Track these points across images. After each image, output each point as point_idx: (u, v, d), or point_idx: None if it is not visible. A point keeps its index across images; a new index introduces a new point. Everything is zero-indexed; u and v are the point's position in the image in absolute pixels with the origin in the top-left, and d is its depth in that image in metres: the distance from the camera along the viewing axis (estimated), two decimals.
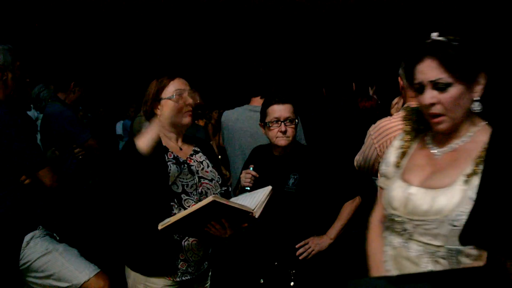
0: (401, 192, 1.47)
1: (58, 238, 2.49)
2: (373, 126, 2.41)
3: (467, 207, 1.24)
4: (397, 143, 1.68)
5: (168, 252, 2.07)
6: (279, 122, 2.38)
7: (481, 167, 1.28)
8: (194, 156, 2.25)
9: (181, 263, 2.09)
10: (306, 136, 3.24)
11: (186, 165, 2.16)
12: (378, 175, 2.44)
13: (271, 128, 2.40)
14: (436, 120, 1.43)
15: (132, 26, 7.10)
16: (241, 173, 2.47)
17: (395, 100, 2.65)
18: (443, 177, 1.41)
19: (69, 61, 6.37)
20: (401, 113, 2.33)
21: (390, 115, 2.47)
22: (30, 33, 5.97)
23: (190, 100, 2.13)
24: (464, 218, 1.16)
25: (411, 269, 1.42)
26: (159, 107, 2.13)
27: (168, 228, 1.86)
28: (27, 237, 2.34)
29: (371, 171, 2.51)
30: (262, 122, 2.49)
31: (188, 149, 2.25)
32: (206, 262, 2.21)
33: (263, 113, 2.47)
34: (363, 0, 6.32)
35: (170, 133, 2.21)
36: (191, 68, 6.89)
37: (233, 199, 2.10)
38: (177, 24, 7.34)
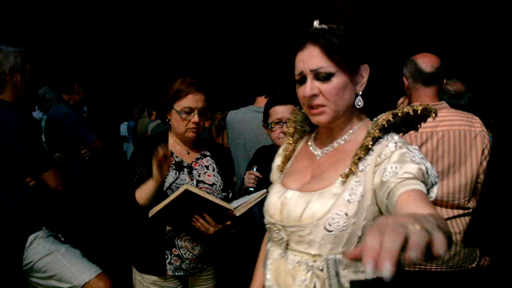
0: (277, 198, 1.36)
1: (62, 239, 2.49)
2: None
3: (342, 209, 1.17)
4: (282, 147, 1.57)
5: (159, 249, 2.13)
6: (281, 123, 2.38)
7: (359, 166, 1.20)
8: (200, 160, 2.27)
9: (174, 258, 2.14)
10: None
11: (188, 169, 2.19)
12: None
13: (273, 129, 2.42)
14: (316, 110, 1.29)
15: (136, 27, 7.11)
16: (244, 174, 2.48)
17: (401, 100, 2.65)
18: (321, 179, 1.29)
19: (73, 62, 6.39)
20: None
21: None
22: (34, 34, 5.99)
23: (196, 119, 2.14)
24: (339, 222, 1.16)
25: (289, 283, 1.28)
26: (169, 114, 2.20)
27: (157, 218, 1.97)
28: (30, 238, 2.34)
29: None
30: (264, 123, 2.50)
31: (195, 153, 2.28)
32: (205, 263, 2.24)
33: (266, 114, 2.48)
34: (368, 0, 6.32)
35: (178, 138, 2.26)
36: (195, 69, 6.90)
37: (235, 201, 2.11)
38: (182, 24, 7.35)
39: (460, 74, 3.19)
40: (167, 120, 2.22)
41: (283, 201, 1.32)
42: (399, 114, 1.21)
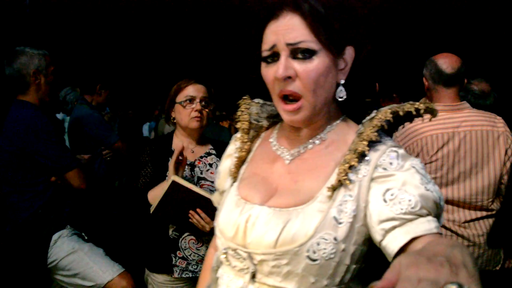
0: (238, 215, 1.03)
1: (86, 238, 2.54)
2: (398, 128, 2.39)
3: (330, 232, 0.91)
4: (231, 147, 1.25)
5: (164, 250, 2.14)
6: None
7: (350, 175, 0.94)
8: (205, 158, 2.28)
9: (179, 260, 2.14)
10: None
11: (190, 166, 2.22)
12: None
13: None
14: (290, 107, 1.00)
15: (158, 29, 7.18)
16: None
17: (421, 101, 2.62)
18: (297, 191, 1.00)
19: (95, 64, 6.49)
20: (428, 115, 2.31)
21: None
22: (57, 36, 6.10)
23: (198, 107, 2.17)
24: (326, 248, 0.91)
25: None
26: (173, 110, 2.24)
27: (159, 215, 1.99)
28: (55, 236, 2.39)
29: None
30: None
31: (200, 151, 2.29)
32: None
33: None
34: (387, 0, 6.26)
35: (182, 136, 2.27)
36: (213, 70, 6.94)
37: None
38: (202, 26, 7.39)
39: (484, 73, 3.13)
40: (172, 118, 2.25)
41: (248, 220, 1.00)
42: (400, 113, 0.97)
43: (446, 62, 2.29)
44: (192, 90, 2.19)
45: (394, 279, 0.61)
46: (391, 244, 0.88)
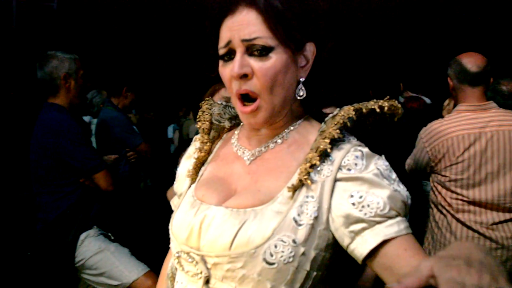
0: (192, 216, 0.97)
1: (112, 238, 2.58)
2: (424, 129, 2.37)
3: (289, 234, 0.86)
4: (191, 148, 1.20)
5: None
6: None
7: (312, 175, 0.90)
8: None
9: None
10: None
11: None
12: (430, 179, 2.40)
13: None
14: (248, 109, 0.95)
15: (181, 31, 7.26)
16: None
17: (446, 102, 2.59)
18: (255, 192, 0.95)
19: (121, 67, 6.60)
20: (454, 115, 2.28)
21: (442, 117, 2.41)
22: (83, 39, 6.23)
23: None
24: (283, 251, 0.85)
25: None
26: None
27: None
28: (82, 236, 2.44)
29: (422, 175, 2.47)
30: None
31: None
32: None
33: None
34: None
35: None
36: None
37: None
38: None
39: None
40: None
41: (203, 221, 0.94)
42: (364, 110, 0.94)
43: (471, 61, 2.26)
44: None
45: (415, 284, 0.62)
46: (361, 247, 0.85)
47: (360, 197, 0.86)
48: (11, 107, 5.05)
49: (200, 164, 1.11)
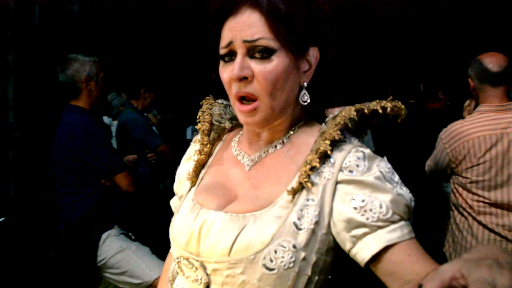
0: (191, 221, 0.95)
1: (133, 238, 2.61)
2: (444, 130, 2.35)
3: (289, 239, 0.84)
4: (191, 149, 1.17)
5: None
6: None
7: (312, 178, 0.87)
8: None
9: None
10: (374, 139, 3.18)
11: None
12: (451, 181, 2.37)
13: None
14: (246, 108, 0.92)
15: (201, 33, 7.30)
16: None
17: (467, 102, 2.56)
18: (255, 197, 0.93)
19: (140, 69, 6.68)
20: (475, 116, 2.25)
21: (462, 118, 2.39)
22: (102, 42, 6.32)
23: None
24: (284, 257, 0.83)
25: None
26: None
27: None
28: (103, 236, 2.48)
29: (443, 176, 2.44)
30: None
31: None
32: None
33: None
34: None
35: None
36: None
37: None
38: None
39: None
40: None
41: (202, 226, 0.92)
42: (366, 111, 0.91)
43: (492, 61, 2.23)
44: None
45: (440, 285, 0.61)
46: (363, 251, 0.83)
47: (362, 201, 0.83)
48: (34, 110, 5.15)
49: (200, 166, 1.09)
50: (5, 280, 3.43)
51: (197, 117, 1.12)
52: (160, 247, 2.97)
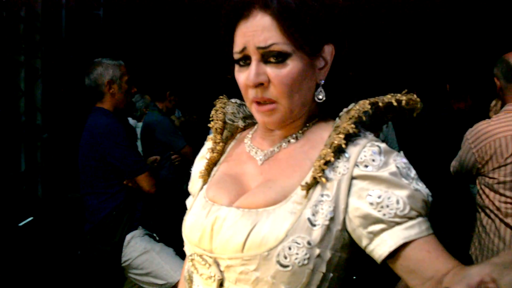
0: (204, 217, 0.94)
1: (157, 239, 2.64)
2: (470, 130, 2.31)
3: (303, 235, 0.82)
4: (205, 148, 1.17)
5: None
6: None
7: (327, 173, 0.86)
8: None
9: None
10: (398, 140, 3.16)
11: None
12: (477, 182, 2.33)
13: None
14: (264, 108, 0.92)
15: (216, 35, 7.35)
16: None
17: (493, 103, 2.51)
18: (268, 191, 0.90)
19: (165, 71, 6.75)
20: (501, 115, 2.21)
21: (488, 118, 2.34)
22: (127, 45, 6.42)
23: None
24: (298, 253, 0.81)
25: None
26: None
27: None
28: (127, 237, 2.51)
29: (468, 177, 2.40)
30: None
31: None
32: None
33: None
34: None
35: None
36: None
37: None
38: None
39: None
40: None
41: (214, 222, 0.91)
42: (380, 104, 0.90)
43: None
44: None
45: None
46: (380, 248, 0.82)
47: (379, 196, 0.81)
48: (62, 112, 5.26)
49: (212, 164, 1.08)
50: (34, 278, 3.52)
51: (210, 115, 1.12)
52: (182, 248, 3.01)
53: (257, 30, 0.87)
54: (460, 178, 2.48)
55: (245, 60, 0.91)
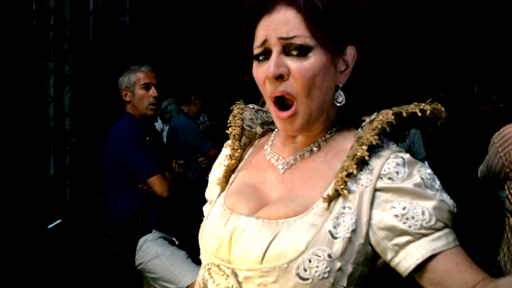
0: (222, 226, 0.92)
1: (177, 243, 2.65)
2: (497, 133, 2.26)
3: (324, 248, 0.80)
4: (222, 156, 1.14)
5: None
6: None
7: (349, 185, 0.84)
8: None
9: None
10: (425, 144, 3.12)
11: None
12: (505, 186, 2.29)
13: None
14: (285, 114, 0.89)
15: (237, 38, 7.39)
16: None
17: None
18: (289, 202, 0.89)
19: (190, 75, 6.82)
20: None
21: None
22: (153, 50, 6.51)
23: None
24: (318, 266, 0.79)
25: None
26: None
27: None
28: (141, 240, 2.51)
29: (496, 182, 2.36)
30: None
31: None
32: None
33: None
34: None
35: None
36: None
37: None
38: None
39: None
40: None
41: (233, 232, 0.89)
42: (404, 114, 0.86)
43: None
44: None
45: None
46: (406, 261, 0.79)
47: (404, 208, 0.79)
48: (89, 117, 5.37)
49: (230, 171, 1.05)
50: (62, 279, 3.59)
51: (228, 121, 1.09)
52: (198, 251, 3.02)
53: (280, 23, 0.86)
54: (488, 183, 2.43)
55: (265, 55, 0.89)
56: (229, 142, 1.09)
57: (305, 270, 0.79)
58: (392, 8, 6.26)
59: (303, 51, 0.85)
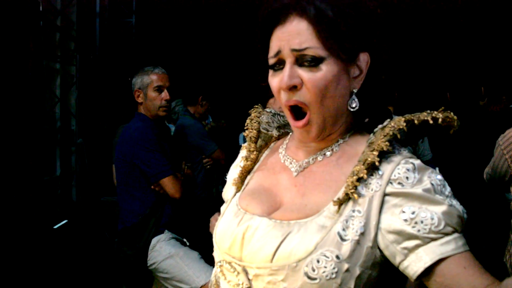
0: (236, 225, 0.96)
1: (188, 244, 2.66)
2: (502, 135, 2.25)
3: (332, 249, 0.82)
4: (240, 155, 1.18)
5: None
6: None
7: (359, 189, 0.86)
8: None
9: None
10: (431, 146, 3.11)
11: None
12: (511, 189, 2.27)
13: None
14: (301, 123, 0.93)
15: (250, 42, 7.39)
16: None
17: None
18: (302, 205, 0.92)
19: (197, 76, 6.83)
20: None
21: None
22: (160, 51, 6.53)
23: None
24: (326, 267, 0.81)
25: None
26: None
27: None
28: (153, 241, 2.54)
29: (502, 184, 2.34)
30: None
31: None
32: None
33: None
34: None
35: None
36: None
37: None
38: None
39: None
40: None
41: (246, 231, 0.92)
42: (416, 122, 0.88)
43: None
44: None
45: None
46: (415, 264, 0.81)
47: (413, 213, 0.81)
48: (96, 118, 5.40)
49: (246, 173, 1.09)
50: (68, 278, 3.61)
51: (245, 124, 1.13)
52: (211, 251, 3.03)
53: (292, 34, 0.89)
54: (494, 185, 2.42)
55: (279, 65, 0.92)
56: (245, 144, 1.13)
57: (313, 270, 0.82)
58: (399, 7, 6.24)
59: (315, 62, 0.88)
